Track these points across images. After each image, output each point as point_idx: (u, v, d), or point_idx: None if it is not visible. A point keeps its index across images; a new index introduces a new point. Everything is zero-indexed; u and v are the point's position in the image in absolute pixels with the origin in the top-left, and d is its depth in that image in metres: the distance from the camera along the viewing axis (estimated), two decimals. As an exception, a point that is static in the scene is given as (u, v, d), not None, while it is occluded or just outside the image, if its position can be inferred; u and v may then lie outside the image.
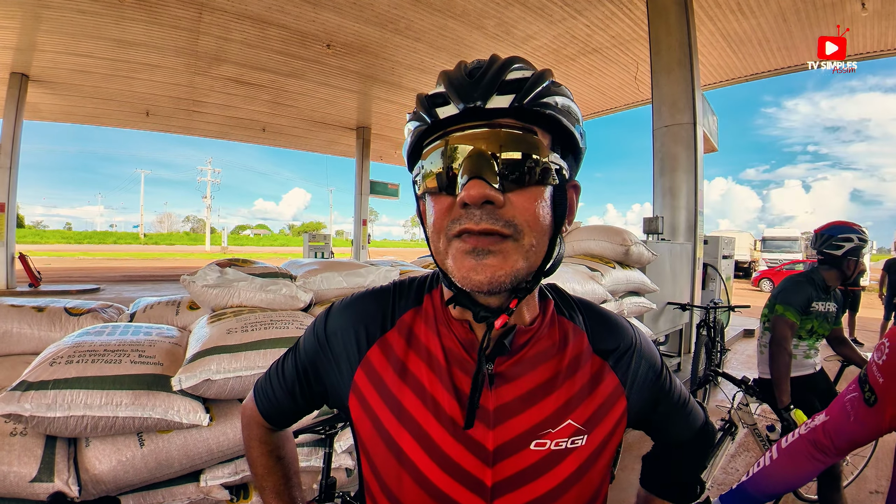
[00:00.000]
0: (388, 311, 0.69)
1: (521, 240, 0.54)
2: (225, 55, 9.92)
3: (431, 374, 0.63)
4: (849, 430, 0.95)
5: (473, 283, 0.53)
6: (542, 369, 0.63)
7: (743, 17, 8.02)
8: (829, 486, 2.23)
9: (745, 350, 7.28)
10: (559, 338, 0.67)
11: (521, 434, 0.60)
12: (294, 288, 2.25)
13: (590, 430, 0.63)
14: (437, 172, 0.55)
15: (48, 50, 9.45)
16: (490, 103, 0.53)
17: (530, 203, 0.54)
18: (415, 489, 0.60)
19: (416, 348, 0.65)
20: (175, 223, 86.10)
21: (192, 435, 1.64)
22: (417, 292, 0.71)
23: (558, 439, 0.61)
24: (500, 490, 0.59)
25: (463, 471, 0.59)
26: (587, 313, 0.72)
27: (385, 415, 0.63)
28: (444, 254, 0.56)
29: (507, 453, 0.60)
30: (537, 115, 0.55)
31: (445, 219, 0.55)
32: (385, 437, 0.62)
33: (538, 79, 0.55)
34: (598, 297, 3.35)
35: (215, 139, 17.32)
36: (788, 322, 2.35)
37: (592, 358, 0.67)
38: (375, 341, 0.67)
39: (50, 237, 49.61)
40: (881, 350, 0.90)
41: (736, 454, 3.53)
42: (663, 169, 6.41)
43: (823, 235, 2.43)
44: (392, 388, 0.64)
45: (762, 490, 1.06)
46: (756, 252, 23.56)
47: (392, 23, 8.65)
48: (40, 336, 2.04)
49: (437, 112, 0.56)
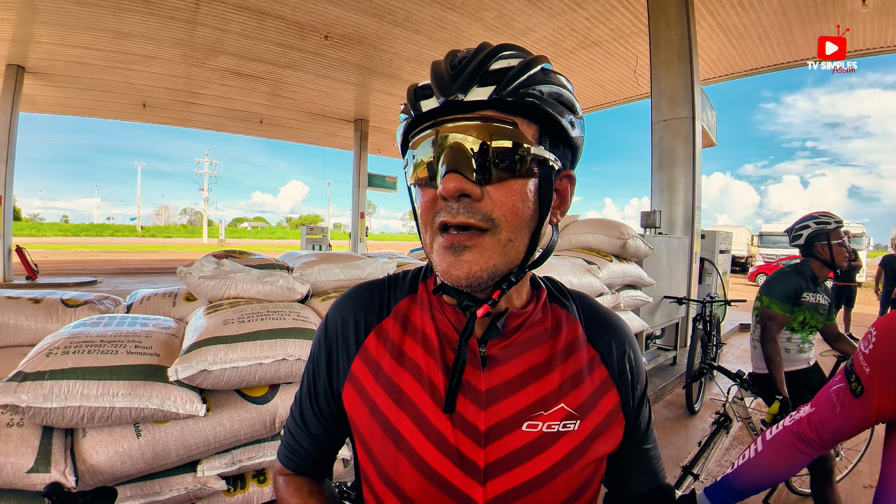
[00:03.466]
0: (385, 301, 0.71)
1: (497, 234, 0.54)
2: (222, 46, 9.85)
3: (427, 355, 0.64)
4: (834, 422, 0.93)
5: (453, 279, 0.55)
6: (535, 353, 0.64)
7: (743, 12, 7.99)
8: (822, 480, 2.24)
9: (740, 344, 7.32)
10: (552, 323, 0.67)
11: (513, 415, 0.61)
12: (291, 279, 2.25)
13: (582, 417, 0.63)
14: (422, 164, 0.57)
15: (45, 41, 9.37)
16: (470, 95, 0.53)
17: (508, 196, 0.54)
18: (412, 472, 0.60)
19: (412, 332, 0.67)
20: (172, 216, 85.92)
21: (189, 425, 1.64)
22: (412, 282, 0.72)
23: (550, 422, 0.61)
24: (493, 471, 0.59)
25: (458, 452, 0.60)
26: (582, 304, 0.73)
27: (383, 400, 0.64)
28: (429, 246, 0.58)
29: (499, 434, 0.60)
30: (520, 105, 0.55)
31: (430, 211, 0.57)
32: (382, 421, 0.63)
33: (524, 67, 0.54)
34: (595, 290, 3.36)
35: (213, 131, 17.25)
36: (773, 314, 2.39)
37: (587, 346, 0.68)
38: (372, 329, 0.68)
39: (47, 230, 49.45)
40: (868, 339, 0.89)
41: (730, 447, 3.55)
42: (661, 163, 6.41)
43: (788, 231, 2.56)
44: (390, 372, 0.65)
45: (746, 482, 1.05)
46: (753, 247, 23.59)
47: (391, 14, 8.60)
48: (37, 327, 2.04)
49: (420, 105, 0.57)
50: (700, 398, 4.46)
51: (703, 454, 2.41)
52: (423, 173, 0.57)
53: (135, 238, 49.45)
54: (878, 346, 0.86)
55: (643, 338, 4.60)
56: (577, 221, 4.32)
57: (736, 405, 2.50)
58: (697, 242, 6.33)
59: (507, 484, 0.59)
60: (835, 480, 2.27)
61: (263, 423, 1.80)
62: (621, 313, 3.84)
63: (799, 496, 2.84)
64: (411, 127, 0.60)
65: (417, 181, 0.58)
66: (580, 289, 3.18)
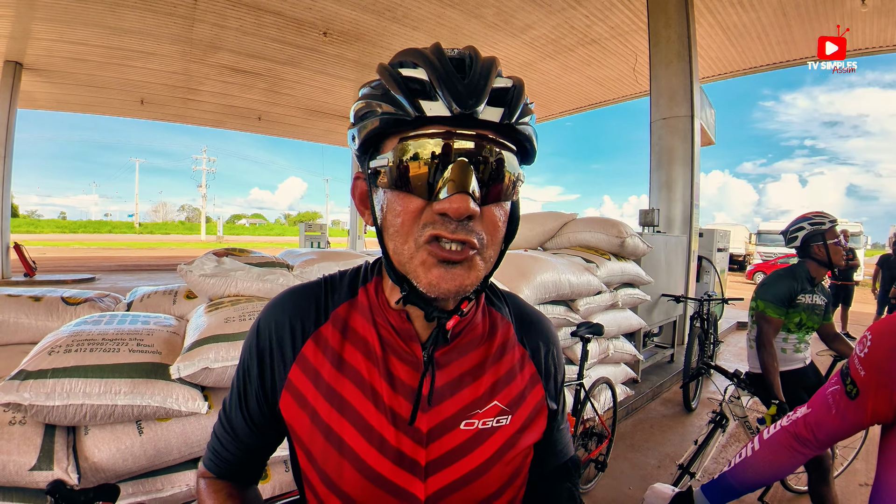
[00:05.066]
0: (321, 305, 0.69)
1: (484, 252, 0.56)
2: (220, 43, 9.81)
3: (369, 363, 0.65)
4: (830, 424, 0.95)
5: (441, 291, 0.54)
6: (473, 355, 0.67)
7: (742, 10, 7.99)
8: (818, 478, 2.24)
9: (738, 342, 7.35)
10: (488, 327, 0.71)
11: (453, 415, 0.64)
12: (291, 277, 2.26)
13: (513, 412, 0.67)
14: (412, 171, 0.53)
15: (42, 38, 9.32)
16: (483, 114, 0.53)
17: (496, 217, 0.57)
18: (355, 475, 0.62)
19: (352, 339, 0.67)
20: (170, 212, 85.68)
21: (191, 423, 1.65)
22: (351, 285, 0.71)
23: (485, 419, 0.65)
24: (433, 468, 0.62)
25: (400, 453, 0.62)
26: (513, 306, 0.77)
27: (323, 407, 0.64)
28: (408, 258, 0.55)
29: (440, 433, 0.63)
30: (517, 132, 0.56)
31: (415, 223, 0.54)
32: (324, 428, 0.63)
33: (519, 93, 0.55)
34: (594, 288, 3.37)
35: (211, 128, 17.18)
36: (769, 318, 2.38)
37: (517, 346, 0.72)
38: (310, 336, 0.67)
39: (44, 227, 49.23)
40: (863, 343, 0.90)
41: (727, 444, 3.58)
42: (660, 161, 6.41)
43: (784, 233, 2.54)
44: (330, 380, 0.65)
45: (743, 481, 1.07)
46: (751, 245, 23.63)
47: (389, 10, 8.57)
48: (37, 325, 2.04)
49: (421, 106, 0.52)
50: (697, 396, 4.49)
51: (700, 453, 2.43)
52: (417, 181, 0.53)
53: (133, 235, 49.28)
54: (874, 350, 0.87)
55: (641, 335, 4.62)
56: (575, 220, 4.33)
57: (732, 404, 2.51)
58: (695, 241, 6.35)
59: (446, 479, 0.63)
60: (832, 479, 2.28)
61: (264, 421, 1.81)
62: (619, 311, 3.86)
63: (794, 494, 2.86)
64: (399, 125, 0.54)
65: (396, 186, 0.55)
66: (578, 287, 3.21)
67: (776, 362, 2.34)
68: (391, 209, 0.56)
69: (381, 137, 0.57)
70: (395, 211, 0.55)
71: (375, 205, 0.59)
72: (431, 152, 0.53)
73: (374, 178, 0.58)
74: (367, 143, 0.58)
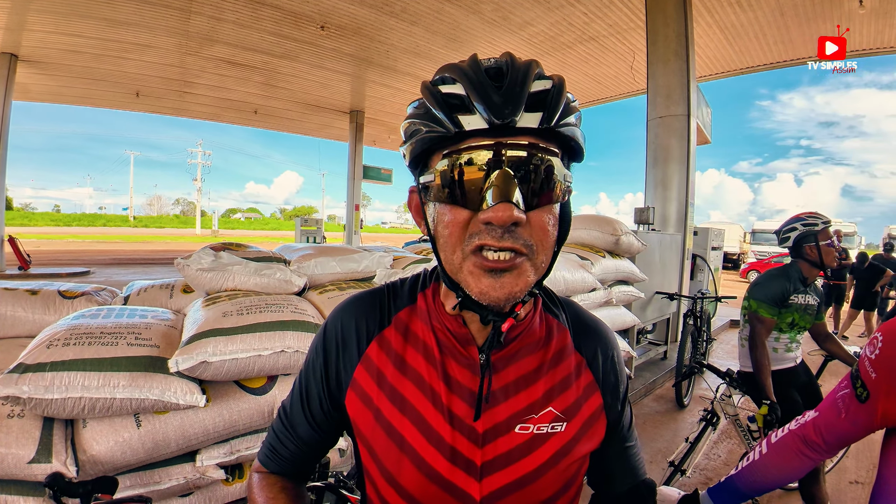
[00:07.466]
0: (385, 310, 0.73)
1: (534, 258, 0.56)
2: (217, 35, 9.74)
3: (429, 365, 0.67)
4: (839, 427, 0.93)
5: (491, 300, 0.55)
6: (529, 360, 0.68)
7: (741, 10, 8.00)
8: (810, 477, 2.25)
9: (730, 340, 7.41)
10: (545, 333, 0.71)
11: (508, 418, 0.65)
12: (288, 272, 2.27)
13: (569, 419, 0.68)
14: (454, 183, 0.55)
15: (38, 30, 9.23)
16: (521, 121, 0.53)
17: (545, 222, 0.56)
18: (413, 472, 0.64)
19: (413, 342, 0.69)
20: (165, 206, 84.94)
21: (189, 416, 1.67)
22: (411, 292, 0.74)
23: (540, 424, 0.66)
24: (488, 469, 0.64)
25: (457, 453, 0.64)
26: (570, 313, 0.77)
27: (386, 406, 0.67)
28: (458, 267, 0.57)
29: (495, 435, 0.65)
30: (559, 133, 0.55)
31: (462, 233, 0.56)
32: (387, 427, 0.66)
33: (559, 93, 0.55)
34: (588, 285, 3.40)
35: (207, 121, 17.06)
36: (761, 318, 2.40)
37: (574, 353, 0.72)
38: (374, 338, 0.71)
39: (39, 220, 48.84)
40: (874, 344, 0.87)
41: (718, 440, 3.62)
42: (656, 160, 6.45)
43: (777, 233, 2.55)
44: (392, 381, 0.68)
45: (750, 485, 1.05)
46: (746, 244, 23.75)
47: (388, 5, 8.53)
48: (34, 319, 2.05)
49: (460, 121, 0.53)
50: (689, 393, 4.54)
51: (692, 451, 2.46)
52: (461, 193, 0.55)
53: (127, 228, 49.00)
54: (885, 350, 0.85)
55: (634, 332, 4.65)
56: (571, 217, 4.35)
57: (724, 402, 2.54)
58: (690, 239, 6.39)
59: (501, 481, 0.64)
60: (822, 477, 2.30)
61: (262, 414, 1.83)
62: (613, 308, 3.89)
63: (785, 491, 2.89)
64: (443, 142, 0.56)
65: (444, 199, 0.56)
66: (573, 283, 3.23)
67: (768, 362, 2.35)
68: (440, 221, 0.58)
69: (427, 154, 0.59)
70: (444, 222, 0.57)
71: (428, 217, 0.62)
72: (473, 164, 0.54)
73: (425, 192, 0.60)
74: (416, 159, 0.60)
